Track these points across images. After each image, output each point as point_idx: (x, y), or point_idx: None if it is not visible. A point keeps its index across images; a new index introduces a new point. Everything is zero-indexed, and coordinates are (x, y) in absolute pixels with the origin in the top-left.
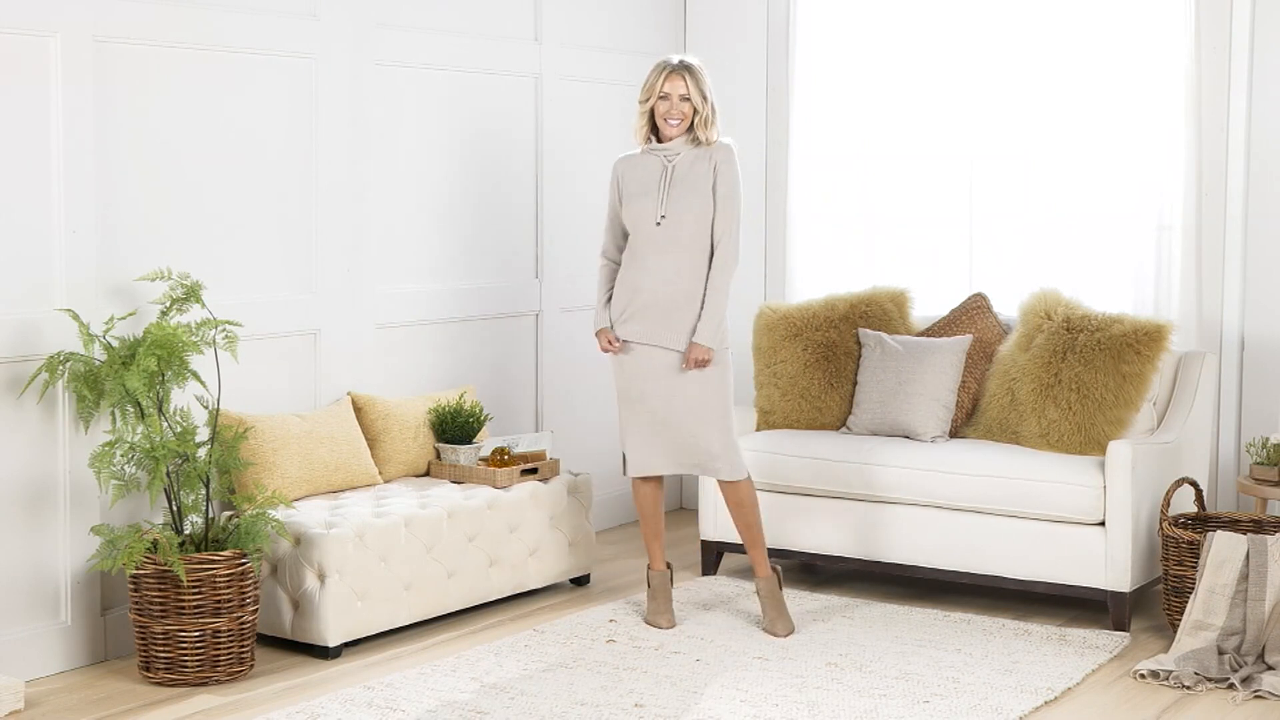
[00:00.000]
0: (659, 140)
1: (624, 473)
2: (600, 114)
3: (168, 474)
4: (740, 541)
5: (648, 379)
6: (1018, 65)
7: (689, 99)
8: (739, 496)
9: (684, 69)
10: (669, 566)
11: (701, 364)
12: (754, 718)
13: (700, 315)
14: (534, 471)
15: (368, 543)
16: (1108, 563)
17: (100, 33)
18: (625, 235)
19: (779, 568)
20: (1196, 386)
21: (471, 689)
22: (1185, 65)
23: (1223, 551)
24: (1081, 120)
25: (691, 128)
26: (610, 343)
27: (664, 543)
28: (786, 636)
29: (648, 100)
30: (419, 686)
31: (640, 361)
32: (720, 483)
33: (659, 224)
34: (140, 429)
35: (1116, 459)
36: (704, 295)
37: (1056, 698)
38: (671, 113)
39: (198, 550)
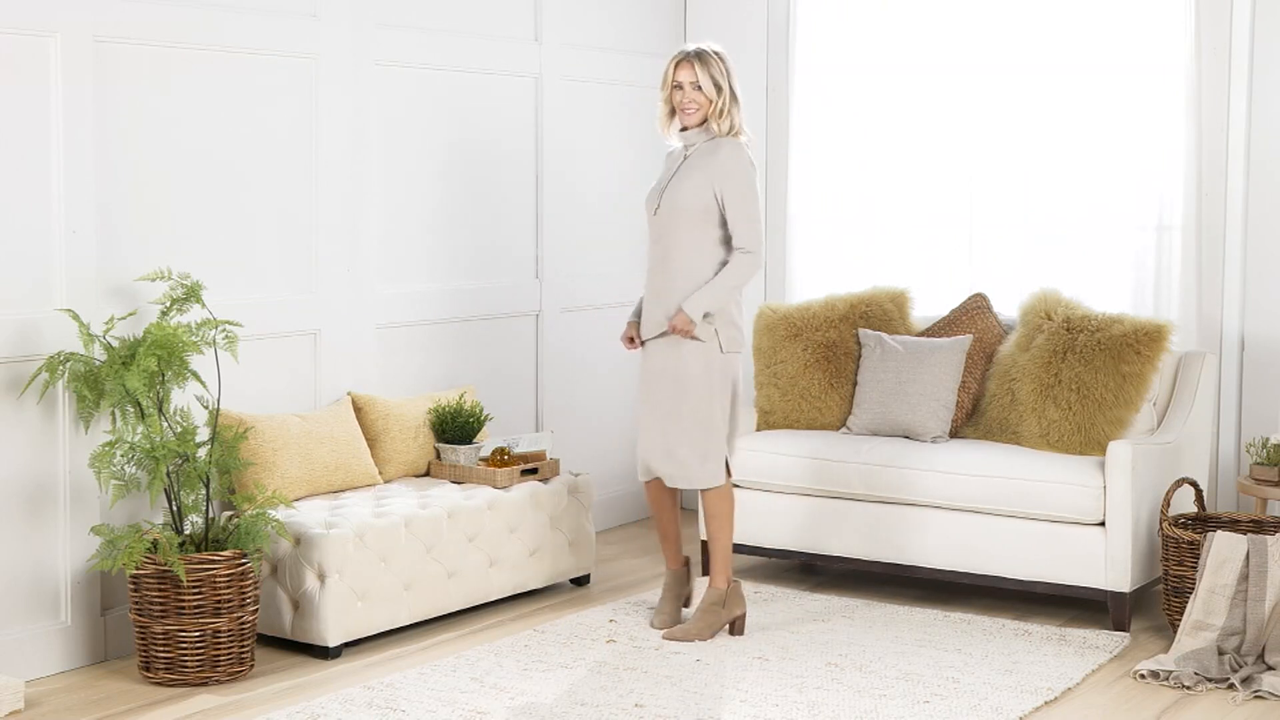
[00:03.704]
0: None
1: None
2: (600, 114)
3: (168, 474)
4: (738, 541)
5: (654, 376)
6: (1017, 66)
7: (700, 87)
8: (706, 506)
9: (695, 56)
10: (686, 564)
11: (680, 331)
12: (754, 718)
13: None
14: (534, 471)
15: (368, 543)
16: (1108, 563)
17: (100, 33)
18: None
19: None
20: (1196, 387)
21: (471, 689)
22: (1185, 65)
23: (1223, 551)
24: (1082, 120)
25: (707, 118)
26: (630, 339)
27: (678, 542)
28: (683, 639)
29: (664, 89)
30: (419, 686)
31: (651, 358)
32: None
33: (656, 214)
34: (140, 429)
35: (1116, 459)
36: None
37: (1056, 698)
38: (685, 102)
39: (198, 550)
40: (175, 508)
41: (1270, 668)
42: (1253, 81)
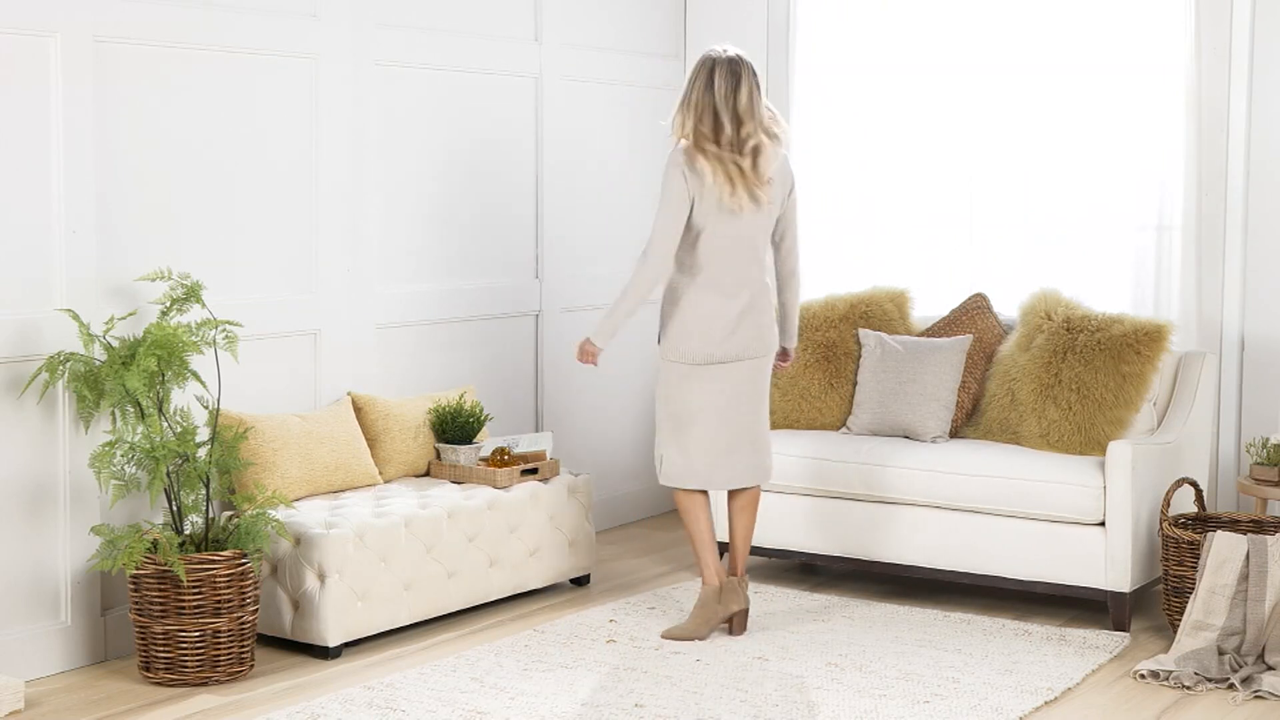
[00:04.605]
0: None
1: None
2: (600, 114)
3: (168, 474)
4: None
5: None
6: (1017, 66)
7: None
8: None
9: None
10: (721, 579)
11: (583, 353)
12: (754, 718)
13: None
14: (534, 472)
15: (368, 543)
16: (1108, 563)
17: (100, 33)
18: None
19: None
20: (1196, 386)
21: (471, 689)
22: (1185, 65)
23: (1223, 551)
24: (1082, 120)
25: None
26: None
27: (739, 555)
28: (681, 638)
29: None
30: (419, 686)
31: None
32: None
33: None
34: (140, 429)
35: (1116, 459)
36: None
37: (1056, 698)
38: None
39: (198, 550)
40: (175, 508)
41: (1270, 668)
42: (1253, 81)
